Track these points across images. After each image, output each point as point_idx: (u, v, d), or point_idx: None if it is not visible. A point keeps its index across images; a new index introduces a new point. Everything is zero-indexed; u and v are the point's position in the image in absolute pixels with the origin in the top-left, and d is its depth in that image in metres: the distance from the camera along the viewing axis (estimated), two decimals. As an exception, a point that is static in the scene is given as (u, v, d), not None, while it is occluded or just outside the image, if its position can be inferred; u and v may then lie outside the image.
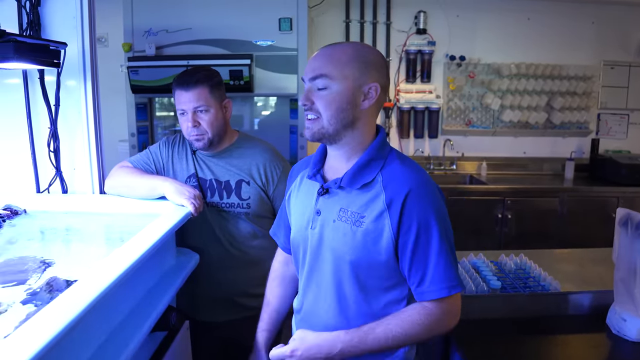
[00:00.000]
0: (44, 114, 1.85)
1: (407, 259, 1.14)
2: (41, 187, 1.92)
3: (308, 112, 1.19)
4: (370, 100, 1.17)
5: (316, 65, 1.17)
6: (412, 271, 1.15)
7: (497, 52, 4.23)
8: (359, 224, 1.15)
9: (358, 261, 1.16)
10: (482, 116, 4.35)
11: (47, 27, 1.79)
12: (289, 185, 1.41)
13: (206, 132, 1.75)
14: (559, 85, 4.23)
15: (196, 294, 1.86)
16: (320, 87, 1.16)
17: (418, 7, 4.09)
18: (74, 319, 0.90)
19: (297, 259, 1.35)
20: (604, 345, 1.51)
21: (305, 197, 1.29)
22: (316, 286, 1.26)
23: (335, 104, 1.15)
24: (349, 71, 1.15)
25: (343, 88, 1.15)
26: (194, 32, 3.20)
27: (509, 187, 3.86)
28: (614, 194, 3.92)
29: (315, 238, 1.23)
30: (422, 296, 1.15)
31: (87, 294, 0.99)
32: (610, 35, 4.31)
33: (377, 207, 1.15)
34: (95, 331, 1.14)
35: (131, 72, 3.11)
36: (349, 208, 1.18)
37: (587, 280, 1.83)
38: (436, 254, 1.13)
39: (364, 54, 1.17)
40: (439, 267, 1.13)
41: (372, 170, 1.18)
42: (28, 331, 0.86)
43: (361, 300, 1.19)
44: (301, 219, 1.29)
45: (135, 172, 1.82)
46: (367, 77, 1.16)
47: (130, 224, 1.74)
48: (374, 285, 1.19)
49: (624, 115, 4.48)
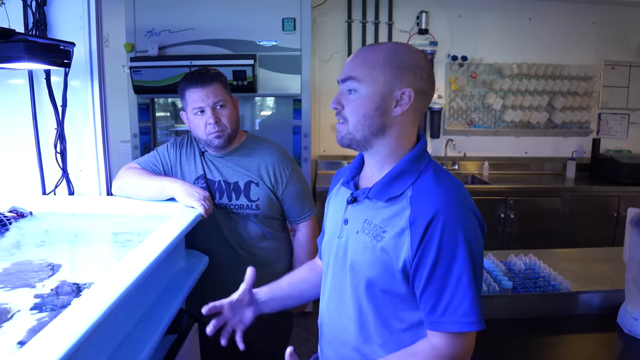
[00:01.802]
0: (49, 115, 1.84)
1: (422, 283, 1.04)
2: (47, 189, 1.90)
3: (337, 116, 1.13)
4: (402, 106, 1.08)
5: (349, 66, 1.11)
6: (424, 295, 1.04)
7: (498, 52, 4.23)
8: (380, 238, 1.07)
9: (375, 278, 1.09)
10: (484, 116, 4.35)
11: (53, 26, 1.78)
12: (330, 190, 1.35)
13: (226, 127, 1.74)
14: (560, 85, 4.24)
15: (205, 296, 1.83)
16: (350, 90, 1.10)
17: (420, 7, 4.09)
18: (94, 324, 0.89)
19: (324, 266, 1.29)
20: (616, 345, 1.51)
21: (339, 204, 1.23)
22: (339, 300, 1.19)
23: (363, 109, 1.08)
24: (379, 74, 1.07)
25: (371, 92, 1.07)
26: (197, 32, 3.19)
27: (511, 187, 3.87)
28: (615, 194, 3.93)
29: (341, 248, 1.17)
30: (432, 326, 1.05)
31: (106, 299, 0.98)
32: (611, 35, 4.32)
33: (400, 224, 1.05)
34: (111, 336, 1.12)
35: (134, 72, 3.10)
36: (372, 220, 1.10)
37: (595, 280, 1.82)
38: (455, 284, 1.01)
39: (398, 56, 1.08)
40: (456, 298, 1.01)
41: (403, 184, 1.09)
42: (46, 338, 0.85)
43: (379, 320, 1.11)
44: (332, 226, 1.23)
45: (144, 173, 1.81)
46: (400, 81, 1.07)
47: (138, 226, 1.73)
48: (392, 305, 1.10)
49: (625, 115, 4.49)
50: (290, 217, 1.92)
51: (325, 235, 1.29)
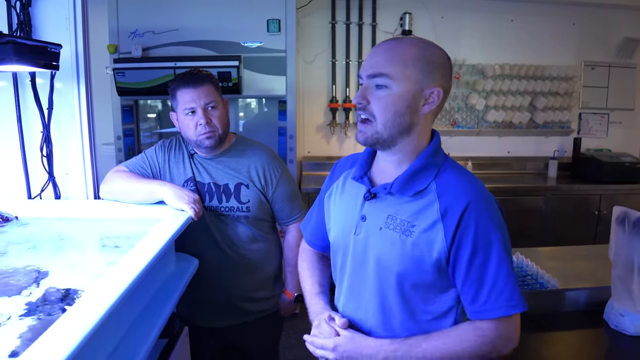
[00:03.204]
0: (34, 118, 1.80)
1: (462, 274, 1.06)
2: (33, 193, 1.86)
3: (362, 112, 1.10)
4: (431, 105, 1.08)
5: (376, 61, 1.07)
6: (465, 286, 1.06)
7: (481, 53, 4.28)
8: (409, 233, 1.07)
9: (405, 273, 1.09)
10: (467, 116, 4.39)
11: (38, 28, 1.74)
12: (329, 183, 1.33)
13: (217, 128, 1.73)
14: (541, 85, 4.31)
15: (195, 299, 1.83)
16: (379, 86, 1.07)
17: (403, 9, 4.12)
18: (89, 332, 0.87)
19: (335, 264, 1.28)
20: (603, 340, 1.54)
21: (350, 199, 1.21)
22: (358, 295, 1.19)
23: (394, 107, 1.06)
24: (411, 72, 1.05)
25: (404, 90, 1.05)
26: (181, 33, 3.16)
27: (495, 187, 3.90)
28: (596, 192, 4.01)
29: (360, 245, 1.16)
30: (477, 315, 1.06)
31: (100, 306, 0.96)
32: (591, 36, 4.41)
33: (430, 217, 1.06)
34: (105, 343, 1.10)
35: (117, 74, 3.06)
36: (397, 216, 1.09)
37: (580, 277, 1.86)
38: (495, 270, 1.04)
39: (429, 54, 1.07)
40: (498, 284, 1.04)
41: (426, 178, 1.10)
42: (41, 348, 0.83)
43: (406, 313, 1.12)
44: (344, 222, 1.21)
45: (132, 176, 1.78)
46: (430, 79, 1.06)
47: (126, 230, 1.71)
48: (420, 298, 1.11)
49: (604, 115, 4.58)
50: (280, 218, 1.92)
51: (333, 231, 1.26)
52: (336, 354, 1.12)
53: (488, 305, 1.04)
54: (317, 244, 1.41)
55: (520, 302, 1.05)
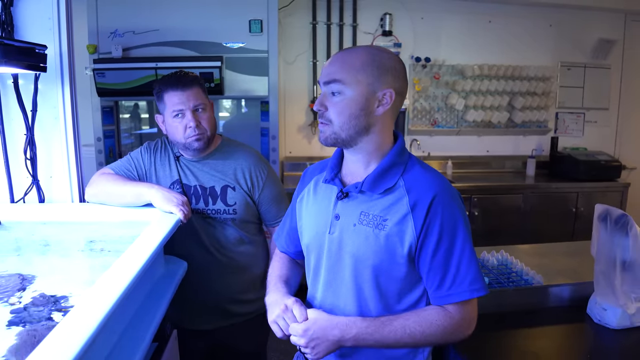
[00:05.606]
0: (17, 120, 1.76)
1: (428, 260, 1.13)
2: (16, 197, 1.82)
3: (321, 118, 1.18)
4: (384, 106, 1.15)
5: (330, 70, 1.15)
6: (431, 273, 1.14)
7: (460, 54, 4.34)
8: (382, 227, 1.14)
9: (380, 265, 1.15)
10: (447, 116, 4.45)
11: (20, 28, 1.71)
12: (300, 189, 1.38)
13: (206, 130, 1.72)
14: (519, 85, 4.39)
15: (183, 301, 1.81)
16: (334, 93, 1.15)
17: (384, 10, 4.15)
18: (87, 341, 0.85)
19: (309, 264, 1.32)
20: (587, 334, 1.57)
21: (322, 201, 1.27)
22: (334, 292, 1.23)
23: (349, 110, 1.14)
24: (362, 77, 1.12)
25: (356, 94, 1.13)
26: (162, 33, 3.13)
27: (475, 185, 3.98)
28: (573, 190, 4.11)
29: (335, 243, 1.21)
30: (443, 300, 1.14)
31: (97, 314, 0.94)
32: (567, 37, 4.52)
33: (401, 210, 1.14)
34: (99, 351, 1.08)
35: (97, 74, 3.02)
36: (370, 212, 1.16)
37: (562, 273, 1.89)
38: (459, 255, 1.12)
39: (379, 59, 1.14)
40: (462, 269, 1.12)
41: (394, 175, 1.17)
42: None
43: (381, 304, 1.18)
44: (317, 223, 1.26)
45: (119, 179, 1.76)
46: (382, 82, 1.13)
47: (112, 233, 1.68)
48: (394, 289, 1.18)
49: (580, 114, 4.69)
50: (267, 220, 1.91)
51: (306, 233, 1.31)
52: (307, 336, 1.15)
53: (453, 290, 1.13)
54: (289, 250, 1.45)
55: (483, 285, 1.13)
